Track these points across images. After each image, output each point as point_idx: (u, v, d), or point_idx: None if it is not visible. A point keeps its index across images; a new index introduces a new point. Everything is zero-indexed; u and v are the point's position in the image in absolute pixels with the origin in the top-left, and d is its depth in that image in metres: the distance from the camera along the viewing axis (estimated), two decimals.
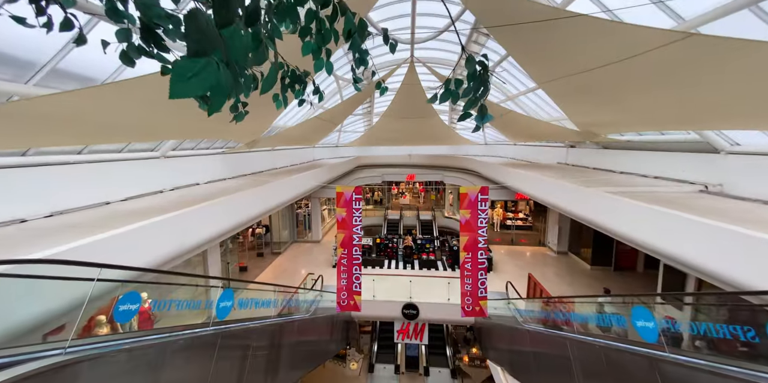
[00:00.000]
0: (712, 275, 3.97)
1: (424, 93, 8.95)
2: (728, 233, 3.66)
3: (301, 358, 6.49)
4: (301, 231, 15.46)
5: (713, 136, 5.83)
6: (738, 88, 3.41)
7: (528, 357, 5.36)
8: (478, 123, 1.60)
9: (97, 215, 4.61)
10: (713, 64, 3.12)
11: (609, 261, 10.37)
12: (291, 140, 11.00)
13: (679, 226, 4.33)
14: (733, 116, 4.22)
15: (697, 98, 3.93)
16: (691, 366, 2.44)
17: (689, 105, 4.23)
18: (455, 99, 1.65)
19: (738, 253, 3.58)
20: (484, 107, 1.59)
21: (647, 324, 2.66)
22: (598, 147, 10.02)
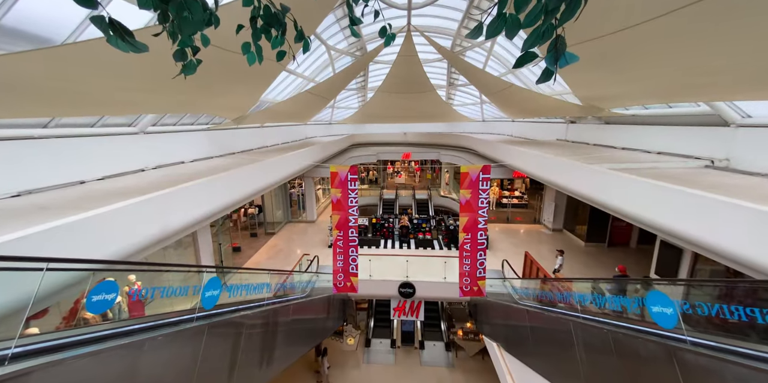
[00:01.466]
0: (713, 249, 3.91)
1: (422, 66, 8.32)
2: (730, 206, 3.54)
3: (301, 337, 6.57)
4: (295, 211, 15.25)
5: (725, 108, 5.54)
6: (761, 53, 3.07)
7: (524, 334, 5.47)
8: (549, 66, 1.00)
9: (71, 195, 4.26)
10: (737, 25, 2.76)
11: (603, 238, 10.52)
12: (281, 116, 10.37)
13: (679, 201, 4.20)
14: (753, 84, 3.92)
15: (716, 64, 3.59)
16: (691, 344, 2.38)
17: (706, 72, 3.90)
18: (513, 29, 0.98)
19: (739, 227, 3.48)
20: (562, 39, 0.97)
21: (666, 309, 2.56)
22: (599, 122, 9.70)
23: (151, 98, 4.76)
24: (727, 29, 2.96)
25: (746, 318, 2.28)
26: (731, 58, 3.35)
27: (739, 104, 5.46)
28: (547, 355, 4.81)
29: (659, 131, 7.30)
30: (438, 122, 18.36)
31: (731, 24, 2.87)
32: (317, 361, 9.81)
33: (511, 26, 0.99)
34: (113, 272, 2.98)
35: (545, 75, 1.03)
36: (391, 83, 9.29)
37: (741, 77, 3.70)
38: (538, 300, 5.83)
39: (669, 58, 3.83)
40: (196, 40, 1.31)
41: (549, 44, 0.99)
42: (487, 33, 1.05)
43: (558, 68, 0.99)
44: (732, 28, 2.91)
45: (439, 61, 12.91)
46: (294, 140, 14.92)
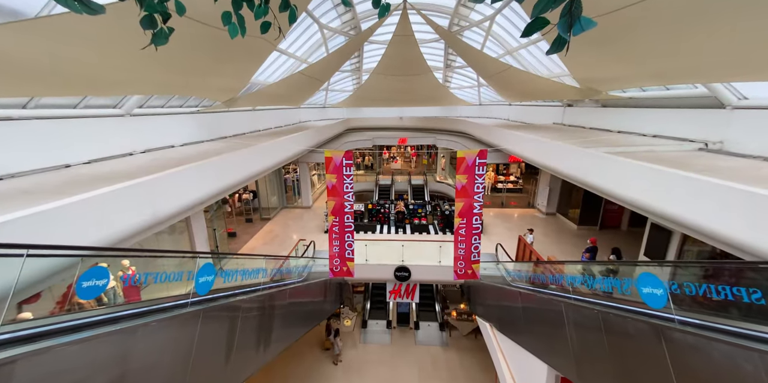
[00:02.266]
0: (704, 232, 4.00)
1: (418, 46, 7.97)
2: (721, 189, 3.58)
3: (299, 319, 6.71)
4: (290, 197, 15.16)
5: (722, 89, 5.48)
6: (760, 33, 2.98)
7: (516, 314, 5.66)
8: (562, 34, 0.88)
9: (56, 180, 4.11)
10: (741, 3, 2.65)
11: (595, 221, 10.72)
12: (274, 99, 10.00)
13: (672, 184, 4.25)
14: (751, 64, 3.83)
15: (719, 43, 3.49)
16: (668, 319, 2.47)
17: (708, 53, 3.80)
18: None
19: (730, 209, 3.54)
20: (578, 2, 0.84)
21: (655, 290, 2.64)
22: (596, 105, 9.58)
23: (136, 78, 4.50)
24: (732, 8, 2.84)
25: (732, 297, 2.36)
26: (735, 39, 3.24)
27: (736, 85, 5.40)
28: (538, 334, 5.01)
29: (655, 114, 7.25)
30: (434, 106, 18.00)
31: (736, 2, 2.75)
32: (329, 340, 10.37)
33: None
34: (106, 258, 2.92)
35: (557, 44, 0.93)
36: (387, 65, 8.94)
37: (743, 58, 3.61)
38: (531, 282, 5.99)
39: (671, 37, 3.71)
40: (169, 7, 1.17)
41: (563, 8, 0.88)
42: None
43: (572, 36, 0.89)
44: (737, 7, 2.80)
45: (435, 41, 12.43)
46: (287, 124, 14.54)
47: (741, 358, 1.84)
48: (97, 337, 2.06)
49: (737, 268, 2.93)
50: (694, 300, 2.74)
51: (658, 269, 2.96)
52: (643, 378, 2.68)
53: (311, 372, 9.71)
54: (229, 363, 3.75)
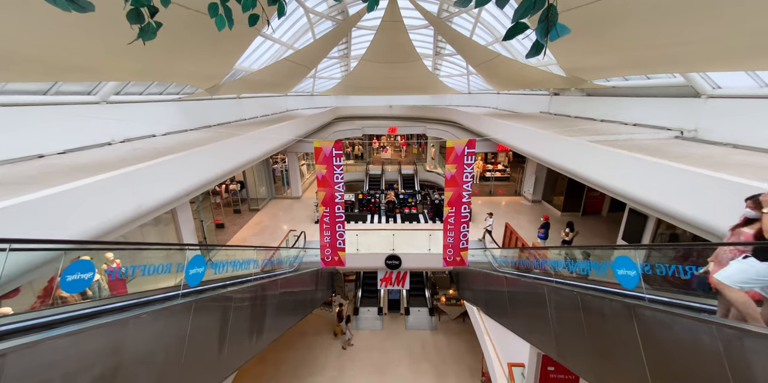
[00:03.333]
0: (675, 215, 4.25)
1: (407, 33, 7.80)
2: (683, 174, 3.81)
3: (291, 309, 6.81)
4: (279, 187, 14.97)
5: (698, 79, 5.67)
6: (730, 25, 3.10)
7: (502, 298, 5.93)
8: (539, 39, 0.96)
9: (28, 171, 3.92)
10: None
11: (578, 207, 11.16)
12: (259, 86, 9.66)
13: (648, 171, 4.46)
14: (726, 54, 3.98)
15: (693, 34, 3.59)
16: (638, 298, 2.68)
17: (685, 42, 3.91)
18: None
19: (699, 194, 3.78)
20: (554, 9, 0.91)
21: (628, 272, 2.82)
22: (581, 94, 9.73)
23: (110, 64, 4.25)
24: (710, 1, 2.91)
25: (692, 276, 2.56)
26: (710, 29, 3.34)
27: (711, 75, 5.59)
28: (522, 316, 5.29)
29: (636, 103, 7.45)
30: (424, 95, 17.82)
31: None
32: (339, 326, 10.88)
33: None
34: (89, 252, 2.86)
35: (535, 49, 0.98)
36: (376, 52, 8.73)
37: (719, 49, 3.73)
38: (516, 267, 6.25)
39: (651, 27, 3.78)
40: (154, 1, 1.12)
41: (540, 15, 0.92)
42: (476, 2, 0.99)
43: (549, 41, 0.93)
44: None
45: (425, 28, 12.15)
46: (274, 112, 14.14)
47: (700, 331, 2.02)
48: (89, 330, 2.06)
49: (700, 249, 3.14)
50: (664, 279, 2.95)
51: (632, 252, 3.14)
52: (614, 352, 2.91)
53: (305, 358, 9.96)
54: (222, 352, 3.81)
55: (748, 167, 3.85)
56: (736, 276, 1.97)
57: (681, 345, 2.21)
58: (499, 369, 6.33)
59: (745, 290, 1.96)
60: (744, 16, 2.95)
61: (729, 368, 1.83)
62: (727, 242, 2.39)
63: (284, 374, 9.28)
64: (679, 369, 2.22)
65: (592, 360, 3.27)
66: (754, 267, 1.91)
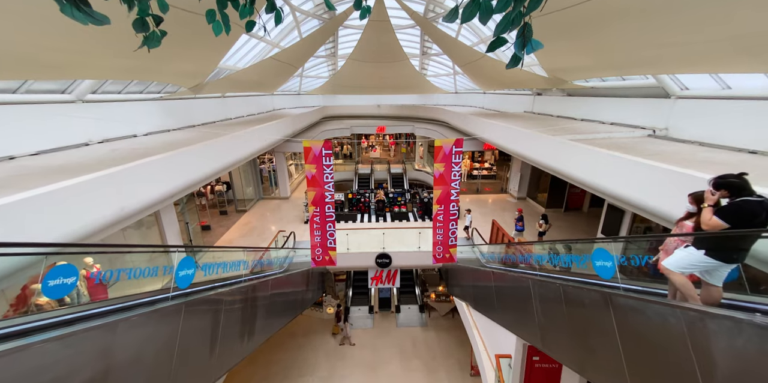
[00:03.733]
0: (647, 209, 4.51)
1: (394, 32, 7.86)
2: (654, 170, 4.06)
3: (280, 311, 6.76)
4: (267, 188, 14.76)
5: (668, 80, 6.01)
6: (695, 30, 3.34)
7: (489, 292, 6.10)
8: (517, 53, 1.08)
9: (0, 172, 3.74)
10: (677, 4, 2.96)
11: (561, 204, 11.58)
12: (245, 85, 9.50)
13: (616, 167, 4.74)
14: (692, 57, 4.26)
15: (663, 39, 3.83)
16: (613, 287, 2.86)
17: (654, 47, 4.16)
18: (486, 15, 1.05)
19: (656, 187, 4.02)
20: (529, 27, 1.05)
21: (605, 263, 2.99)
22: (563, 94, 10.08)
23: (87, 61, 4.11)
24: (678, 7, 3.11)
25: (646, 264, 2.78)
26: (678, 34, 3.57)
27: (680, 77, 5.93)
28: (508, 309, 5.47)
29: (613, 103, 7.80)
30: (412, 94, 17.95)
31: (683, 6, 3.02)
32: (337, 326, 11.02)
33: (484, 11, 1.05)
34: (67, 255, 2.78)
35: (514, 61, 1.10)
36: (363, 51, 8.75)
37: (684, 52, 3.99)
38: (502, 262, 6.44)
39: (625, 31, 3.99)
40: (152, 6, 1.13)
41: (518, 31, 1.06)
42: (462, 17, 1.09)
43: (525, 54, 1.08)
44: (678, 6, 3.07)
45: (411, 27, 12.24)
46: (260, 111, 13.91)
47: (667, 315, 2.19)
48: (77, 333, 2.01)
49: (657, 240, 3.36)
50: (637, 270, 3.15)
51: (610, 244, 3.33)
52: (593, 339, 3.08)
53: (296, 359, 9.91)
54: (213, 354, 3.78)
55: (712, 164, 4.14)
56: (678, 262, 2.26)
57: (648, 326, 2.44)
58: (487, 361, 6.52)
59: (685, 274, 2.26)
60: (708, 24, 3.17)
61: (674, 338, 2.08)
62: (672, 234, 2.71)
63: (275, 375, 9.21)
64: (647, 348, 2.42)
65: (573, 348, 3.45)
66: (693, 255, 2.19)
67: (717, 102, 5.33)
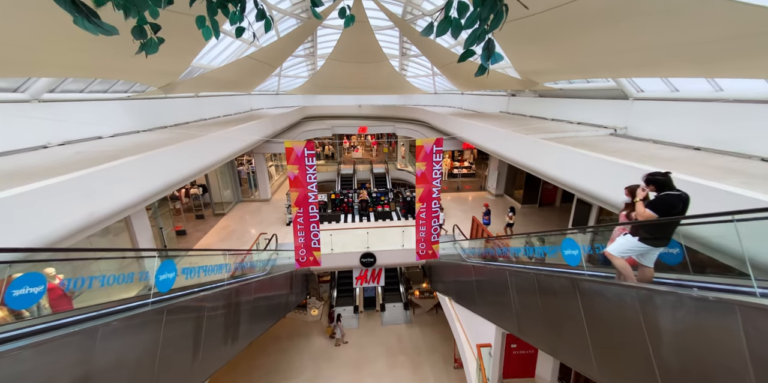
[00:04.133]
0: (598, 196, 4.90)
1: (373, 33, 7.96)
2: (614, 165, 4.46)
3: (263, 314, 6.65)
4: (246, 190, 14.36)
5: (626, 83, 6.54)
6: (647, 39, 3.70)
7: (470, 286, 6.34)
8: (483, 63, 1.27)
9: None
10: (632, 15, 3.28)
11: (536, 200, 12.19)
12: (220, 84, 9.22)
13: (581, 162, 5.13)
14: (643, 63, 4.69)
15: (620, 45, 4.20)
16: (597, 281, 3.13)
17: (618, 53, 4.54)
18: (457, 30, 1.22)
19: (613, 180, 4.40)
20: (492, 42, 1.24)
21: (573, 252, 3.25)
22: (535, 95, 10.61)
23: (44, 58, 3.86)
24: (632, 20, 3.43)
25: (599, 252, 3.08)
26: (634, 41, 3.92)
27: (637, 80, 6.46)
28: (488, 300, 5.71)
29: (580, 104, 8.34)
30: (392, 95, 18.12)
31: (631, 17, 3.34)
32: (330, 327, 10.91)
33: (455, 27, 1.23)
34: (28, 264, 2.62)
35: (481, 70, 1.33)
36: (342, 51, 8.77)
37: (639, 57, 4.38)
38: (482, 256, 6.71)
39: (587, 37, 4.32)
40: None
41: (483, 44, 1.26)
42: (437, 32, 1.28)
43: (489, 64, 1.27)
44: (631, 16, 3.39)
45: (390, 28, 12.39)
46: (238, 111, 13.52)
47: (625, 295, 2.43)
48: (56, 340, 1.92)
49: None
50: (598, 258, 3.43)
51: (578, 235, 3.60)
52: (563, 322, 3.33)
53: (279, 363, 9.75)
54: (195, 360, 3.68)
55: (662, 160, 4.56)
56: (618, 248, 2.65)
57: (606, 305, 2.73)
58: (469, 351, 6.76)
59: (624, 258, 2.64)
60: (660, 32, 3.50)
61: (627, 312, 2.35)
62: (612, 223, 3.07)
63: (258, 380, 9.01)
64: (606, 324, 2.69)
65: (546, 332, 3.69)
66: (630, 241, 2.59)
67: (667, 103, 5.87)
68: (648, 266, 2.60)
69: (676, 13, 3.05)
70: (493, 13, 1.18)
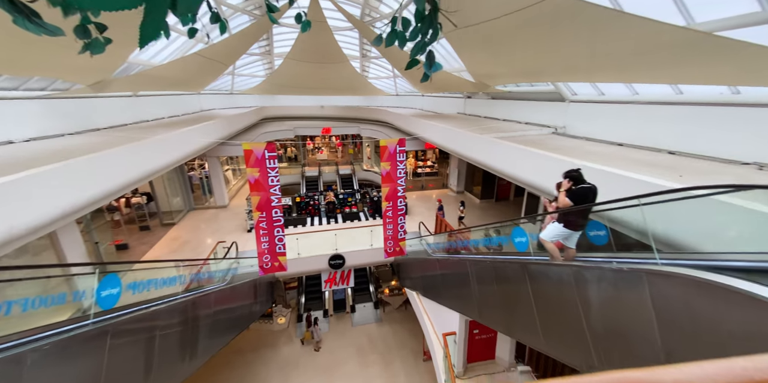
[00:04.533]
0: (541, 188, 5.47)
1: (332, 33, 7.92)
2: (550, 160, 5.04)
3: (224, 327, 6.26)
4: (199, 197, 13.33)
5: (562, 87, 7.35)
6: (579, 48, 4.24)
7: (436, 280, 6.62)
8: (426, 72, 1.47)
9: None
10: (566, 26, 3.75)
11: (492, 195, 13.09)
12: (164, 83, 8.47)
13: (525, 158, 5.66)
14: (576, 70, 5.33)
15: (555, 53, 4.75)
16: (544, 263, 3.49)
17: (552, 60, 5.10)
18: (402, 42, 1.40)
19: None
20: (432, 53, 1.44)
21: (521, 239, 3.59)
22: (488, 98, 11.40)
23: None
24: (557, 32, 3.89)
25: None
26: (566, 51, 4.44)
27: (571, 84, 7.30)
28: (452, 291, 6.02)
29: (527, 106, 9.15)
30: (355, 96, 18.13)
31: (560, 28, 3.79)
32: (309, 331, 10.60)
33: (401, 40, 1.40)
34: None
35: (424, 77, 1.54)
36: (301, 51, 8.59)
37: (571, 66, 4.97)
38: (445, 250, 7.04)
39: (527, 46, 4.79)
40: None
41: (425, 55, 1.45)
42: (386, 43, 1.44)
43: (433, 72, 1.49)
44: (561, 30, 3.85)
45: (350, 29, 12.40)
46: (186, 112, 12.51)
47: (563, 273, 2.77)
48: None
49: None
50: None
51: (527, 224, 3.97)
52: (516, 303, 3.66)
53: (244, 376, 9.23)
54: (147, 381, 3.36)
55: (592, 155, 5.22)
56: (548, 234, 3.13)
57: (548, 283, 3.09)
58: (436, 341, 7.06)
59: (553, 242, 3.12)
60: (587, 43, 3.98)
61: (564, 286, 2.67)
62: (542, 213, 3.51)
63: None
64: (550, 300, 3.02)
65: (502, 314, 4.02)
66: (557, 228, 3.08)
67: (596, 105, 6.71)
68: (571, 248, 3.10)
69: (598, 28, 3.53)
70: (431, 29, 1.34)
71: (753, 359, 0.27)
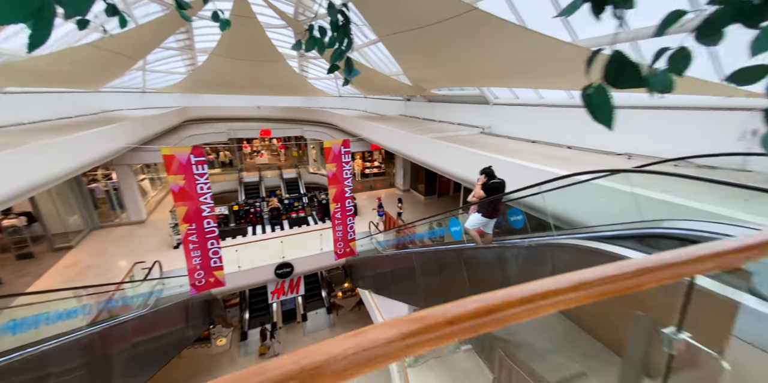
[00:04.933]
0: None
1: (263, 30, 7.51)
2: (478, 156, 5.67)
3: (147, 359, 5.42)
4: (105, 213, 11.23)
5: (486, 91, 8.28)
6: (498, 58, 4.85)
7: (386, 276, 6.79)
8: (346, 77, 1.56)
9: None
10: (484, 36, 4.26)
11: (434, 191, 13.97)
12: (47, 78, 6.94)
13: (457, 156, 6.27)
14: (495, 76, 6.07)
15: (479, 60, 5.34)
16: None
17: (475, 66, 5.72)
18: (321, 48, 1.47)
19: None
20: (350, 60, 1.53)
21: (456, 228, 3.94)
22: (425, 100, 12.15)
23: None
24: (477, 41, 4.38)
25: None
26: (486, 60, 5.00)
27: (493, 89, 8.26)
28: (401, 285, 6.25)
29: (459, 108, 10.02)
30: (296, 96, 17.44)
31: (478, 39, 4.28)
32: (264, 345, 10.07)
33: (320, 46, 1.48)
34: None
35: (345, 82, 1.65)
36: (230, 47, 7.92)
37: (490, 73, 5.63)
38: (394, 246, 7.27)
39: (453, 54, 5.27)
40: None
41: (344, 62, 1.55)
42: (305, 48, 1.54)
43: (351, 77, 1.60)
44: (479, 40, 4.34)
45: (284, 27, 11.90)
46: (81, 113, 10.43)
47: (491, 254, 3.14)
48: None
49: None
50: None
51: (463, 215, 4.36)
52: (454, 287, 4.01)
53: None
54: None
55: (511, 151, 5.99)
56: (470, 222, 3.61)
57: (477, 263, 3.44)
58: None
59: (474, 229, 3.59)
60: (498, 52, 4.55)
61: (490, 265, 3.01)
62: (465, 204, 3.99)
63: None
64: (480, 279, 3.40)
65: (443, 299, 4.33)
66: (477, 217, 3.59)
67: (513, 108, 7.71)
68: (489, 233, 3.63)
69: (504, 39, 4.06)
70: (346, 38, 1.44)
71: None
